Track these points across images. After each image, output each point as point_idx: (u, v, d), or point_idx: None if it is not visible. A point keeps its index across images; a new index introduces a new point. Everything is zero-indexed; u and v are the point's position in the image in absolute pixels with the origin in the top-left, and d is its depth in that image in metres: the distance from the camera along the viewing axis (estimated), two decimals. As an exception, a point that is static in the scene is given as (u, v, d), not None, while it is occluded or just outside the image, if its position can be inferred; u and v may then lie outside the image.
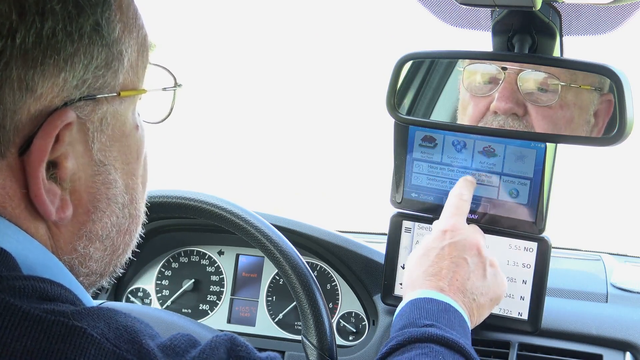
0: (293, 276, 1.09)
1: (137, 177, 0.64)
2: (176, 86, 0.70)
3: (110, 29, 0.57)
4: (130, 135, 0.62)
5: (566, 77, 0.95)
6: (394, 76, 1.01)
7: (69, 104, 0.55)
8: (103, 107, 0.58)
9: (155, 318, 1.12)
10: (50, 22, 0.53)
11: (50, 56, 0.53)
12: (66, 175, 0.56)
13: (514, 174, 1.15)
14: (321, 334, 1.06)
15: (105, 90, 0.58)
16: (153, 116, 0.70)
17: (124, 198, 0.62)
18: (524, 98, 0.98)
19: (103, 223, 0.60)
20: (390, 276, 1.27)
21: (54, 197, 0.55)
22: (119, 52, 0.58)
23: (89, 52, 0.55)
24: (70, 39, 0.54)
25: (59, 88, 0.54)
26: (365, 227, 2.41)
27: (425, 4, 0.97)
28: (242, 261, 1.47)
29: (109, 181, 0.60)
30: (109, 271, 0.65)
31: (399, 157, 1.22)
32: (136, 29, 0.61)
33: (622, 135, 0.89)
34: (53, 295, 0.52)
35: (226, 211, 1.13)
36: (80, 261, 0.60)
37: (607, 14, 0.92)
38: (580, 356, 1.20)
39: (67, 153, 0.56)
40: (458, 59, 1.04)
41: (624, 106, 0.88)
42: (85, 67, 0.55)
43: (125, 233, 0.64)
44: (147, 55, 0.64)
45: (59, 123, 0.54)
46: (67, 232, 0.58)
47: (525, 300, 1.18)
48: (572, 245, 1.59)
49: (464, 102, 1.03)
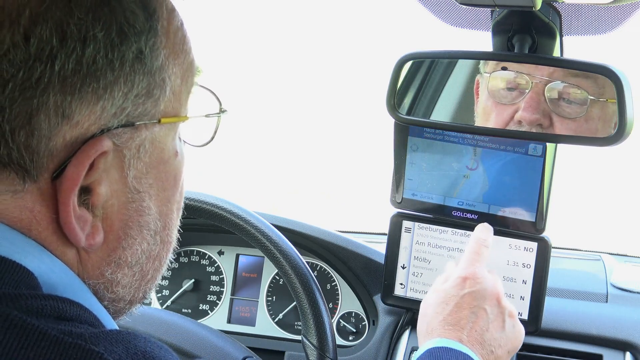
0: (293, 276, 1.09)
1: (173, 203, 0.63)
2: (221, 112, 0.67)
3: (154, 56, 0.55)
4: (169, 162, 0.60)
5: (594, 90, 0.94)
6: (394, 76, 1.01)
7: (106, 132, 0.53)
8: (142, 135, 0.56)
9: (155, 318, 1.12)
10: (91, 49, 0.51)
11: (89, 84, 0.51)
12: (99, 202, 0.55)
13: (514, 175, 1.15)
14: (321, 334, 1.06)
15: (145, 118, 0.56)
16: (196, 139, 0.67)
17: (156, 225, 0.61)
18: (550, 109, 0.97)
19: (134, 250, 0.59)
20: (390, 276, 1.27)
21: (85, 224, 0.54)
22: (161, 79, 0.56)
23: (129, 80, 0.53)
24: (110, 67, 0.52)
25: (96, 116, 0.52)
26: (365, 227, 2.41)
27: (425, 4, 0.97)
28: (242, 261, 1.47)
29: (142, 208, 0.58)
30: (138, 297, 0.63)
31: (399, 157, 1.22)
32: (182, 55, 0.59)
33: (622, 135, 0.89)
34: (71, 315, 0.51)
35: (226, 211, 1.13)
36: (106, 286, 0.58)
37: (607, 14, 0.92)
38: (580, 356, 1.20)
39: (100, 179, 0.54)
40: (458, 59, 1.03)
41: (624, 106, 0.88)
42: (125, 96, 0.54)
43: (155, 259, 0.63)
44: (191, 80, 0.61)
45: (93, 152, 0.52)
46: (96, 257, 0.57)
47: (525, 300, 1.18)
48: (572, 245, 1.59)
49: (487, 109, 1.02)
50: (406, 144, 1.21)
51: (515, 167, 1.15)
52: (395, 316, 1.31)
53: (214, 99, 0.68)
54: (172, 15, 0.58)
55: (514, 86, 0.99)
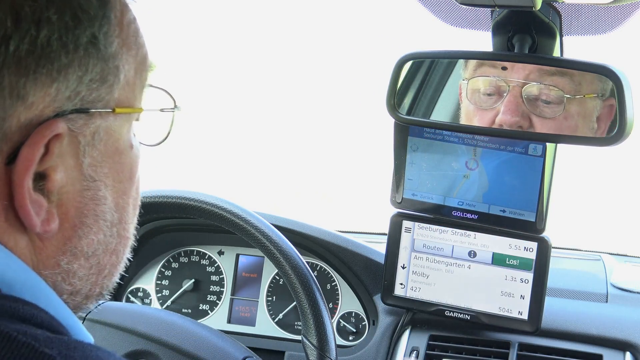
0: (293, 276, 1.09)
1: (129, 196, 0.63)
2: (175, 108, 0.68)
3: (108, 43, 0.56)
4: (124, 154, 0.61)
5: (570, 88, 0.95)
6: (394, 76, 1.01)
7: (61, 115, 0.54)
8: (96, 122, 0.57)
9: (155, 318, 1.12)
10: (45, 31, 0.52)
11: (43, 65, 0.52)
12: (54, 188, 0.55)
13: (514, 174, 1.15)
14: (321, 334, 1.06)
15: (99, 104, 0.56)
16: (150, 139, 0.68)
17: (112, 216, 0.61)
18: (529, 110, 0.98)
19: (89, 239, 0.59)
20: (390, 276, 1.27)
21: (40, 208, 0.54)
22: (115, 66, 0.57)
23: (83, 64, 0.54)
24: (65, 50, 0.53)
25: (50, 98, 0.53)
26: (365, 227, 2.41)
27: (425, 4, 0.97)
28: (242, 261, 1.47)
29: (98, 197, 0.58)
30: (95, 293, 0.62)
31: (399, 157, 1.22)
32: (135, 47, 0.60)
33: (622, 135, 0.89)
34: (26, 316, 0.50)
35: (226, 211, 1.13)
36: (64, 277, 0.58)
37: (607, 14, 0.92)
38: (580, 356, 1.20)
39: (56, 165, 0.54)
40: (458, 59, 1.04)
41: (624, 106, 0.88)
42: (80, 79, 0.54)
43: (112, 253, 0.62)
44: (145, 75, 0.62)
45: (48, 133, 0.53)
46: (51, 246, 0.56)
47: (525, 300, 1.18)
48: (572, 245, 1.59)
49: (469, 114, 1.03)
50: (406, 144, 1.21)
51: (515, 167, 1.16)
52: (395, 316, 1.31)
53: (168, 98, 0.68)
54: (125, 8, 0.59)
55: (492, 91, 1.00)
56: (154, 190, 1.18)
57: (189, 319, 1.16)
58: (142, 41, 0.61)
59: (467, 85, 1.02)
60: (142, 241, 1.46)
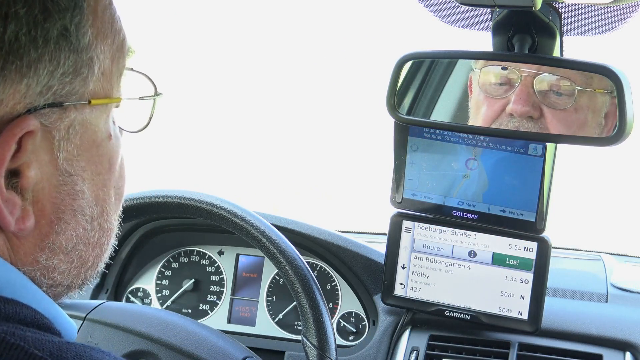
0: (293, 276, 1.09)
1: (109, 188, 0.61)
2: (156, 95, 0.66)
3: (80, 34, 0.54)
4: (102, 145, 0.59)
5: (582, 81, 0.95)
6: (394, 76, 1.01)
7: (32, 111, 0.52)
8: (71, 115, 0.55)
9: (155, 318, 1.12)
10: (13, 26, 0.50)
11: (12, 62, 0.50)
12: (28, 185, 0.53)
13: (514, 174, 1.15)
14: (321, 334, 1.06)
15: (73, 97, 0.55)
16: (132, 125, 0.66)
17: (92, 210, 0.59)
18: (539, 101, 0.98)
19: (68, 235, 0.57)
20: (390, 276, 1.27)
21: (14, 207, 0.53)
22: (89, 58, 0.55)
23: (54, 58, 0.52)
24: (34, 44, 0.51)
25: (21, 95, 0.51)
26: (366, 227, 2.41)
27: (425, 4, 0.97)
28: (242, 261, 1.47)
29: (75, 192, 0.57)
30: (77, 283, 0.61)
31: (399, 157, 1.22)
32: (112, 34, 0.58)
33: (622, 135, 0.89)
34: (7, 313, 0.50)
35: (226, 211, 1.13)
36: (43, 272, 0.57)
37: (607, 14, 0.92)
38: (580, 356, 1.20)
39: (29, 162, 0.53)
40: (458, 59, 1.04)
41: (624, 106, 0.88)
42: (51, 74, 0.53)
43: (95, 246, 0.61)
44: (123, 61, 0.60)
45: (19, 131, 0.51)
46: (28, 243, 0.55)
47: (525, 300, 1.18)
48: (572, 245, 1.59)
49: (478, 103, 1.03)
50: (406, 144, 1.21)
51: (515, 167, 1.16)
52: (395, 316, 1.31)
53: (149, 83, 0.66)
54: None
55: (504, 80, 0.99)
56: (154, 190, 1.18)
57: (189, 319, 1.16)
58: (119, 26, 0.59)
59: (478, 74, 1.02)
60: (142, 241, 1.46)
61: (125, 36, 0.60)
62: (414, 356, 1.23)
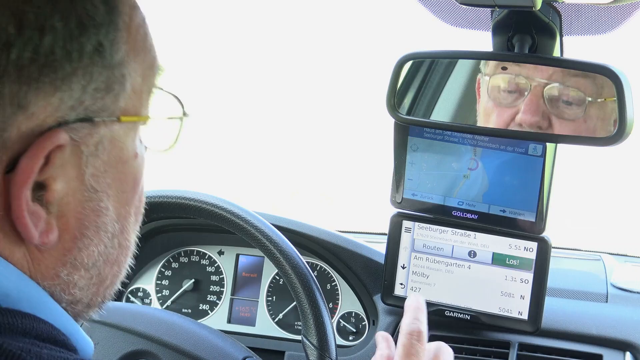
0: (293, 276, 1.09)
1: (131, 206, 0.61)
2: (183, 116, 0.65)
3: (114, 50, 0.54)
4: (128, 163, 0.59)
5: (592, 91, 0.94)
6: (394, 76, 1.01)
7: (63, 125, 0.52)
8: (100, 131, 0.55)
9: (155, 318, 1.12)
10: (49, 38, 0.50)
11: (46, 74, 0.50)
12: (54, 199, 0.53)
13: (514, 175, 1.15)
14: (321, 334, 1.06)
15: (104, 113, 0.54)
16: (158, 144, 0.65)
17: (114, 227, 0.59)
18: (549, 111, 0.97)
19: (90, 251, 0.57)
20: (390, 276, 1.27)
21: (38, 220, 0.52)
22: (121, 75, 0.55)
23: (88, 72, 0.52)
24: (68, 58, 0.51)
25: (53, 108, 0.51)
26: (365, 227, 2.41)
27: (425, 4, 0.97)
28: (242, 261, 1.47)
29: (99, 208, 0.56)
30: (96, 302, 0.61)
31: (398, 157, 1.22)
32: (144, 52, 0.58)
33: (622, 135, 0.89)
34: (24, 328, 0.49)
35: (226, 211, 1.13)
36: (63, 288, 0.56)
37: (607, 14, 0.92)
38: (580, 356, 1.20)
39: (56, 175, 0.52)
40: (458, 59, 1.04)
41: (624, 106, 0.88)
42: (83, 88, 0.52)
43: (113, 264, 0.61)
44: (153, 79, 0.60)
45: (49, 144, 0.51)
46: (50, 257, 0.55)
47: (525, 300, 1.18)
48: (572, 245, 1.59)
49: (488, 110, 1.03)
50: (406, 144, 1.21)
51: (515, 167, 1.16)
52: (395, 316, 1.31)
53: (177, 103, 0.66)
54: (134, 11, 0.57)
55: (513, 88, 0.99)
56: (154, 190, 1.18)
57: (189, 319, 1.16)
58: (151, 44, 0.59)
59: (488, 81, 1.01)
60: (142, 241, 1.45)
61: (156, 54, 0.60)
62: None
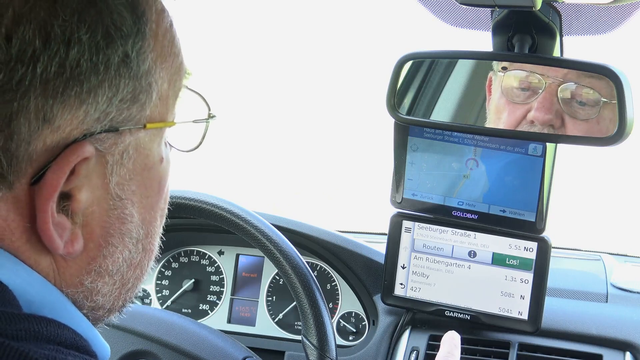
0: (293, 276, 1.09)
1: (156, 210, 0.61)
2: (209, 118, 0.65)
3: (141, 60, 0.53)
4: (154, 169, 0.58)
5: (607, 92, 0.94)
6: (394, 76, 1.01)
7: (88, 137, 0.51)
8: (126, 140, 0.54)
9: (155, 318, 1.12)
10: (75, 51, 0.49)
11: (72, 87, 0.49)
12: (79, 209, 0.53)
13: (514, 175, 1.15)
14: (321, 334, 1.06)
15: (130, 123, 0.54)
16: (184, 144, 0.65)
17: (139, 233, 0.59)
18: (562, 110, 0.97)
19: (115, 258, 0.57)
20: (391, 276, 1.27)
21: (63, 230, 0.52)
22: (148, 84, 0.54)
23: (114, 84, 0.52)
24: (95, 71, 0.50)
25: (79, 120, 0.50)
26: (366, 227, 2.41)
27: (425, 4, 0.97)
28: (242, 261, 1.47)
29: (124, 216, 0.56)
30: (117, 306, 0.61)
31: (398, 157, 1.22)
32: (171, 58, 0.57)
33: (622, 135, 0.89)
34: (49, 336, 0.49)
35: (226, 211, 1.13)
36: (86, 295, 0.56)
37: (607, 14, 0.92)
38: (580, 356, 1.20)
39: (81, 186, 0.52)
40: (458, 59, 1.03)
41: (624, 106, 0.88)
42: (110, 100, 0.52)
43: (136, 267, 0.60)
44: (179, 83, 0.59)
45: (75, 158, 0.50)
46: (75, 265, 0.55)
47: (525, 300, 1.18)
48: (572, 245, 1.59)
49: (499, 107, 1.02)
50: (406, 144, 1.21)
51: (516, 167, 1.16)
52: (395, 316, 1.31)
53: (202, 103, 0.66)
54: (161, 16, 0.56)
55: (527, 86, 0.99)
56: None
57: (189, 319, 1.16)
58: (178, 48, 0.58)
59: (501, 77, 1.01)
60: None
61: (183, 58, 0.60)
62: (414, 356, 1.23)
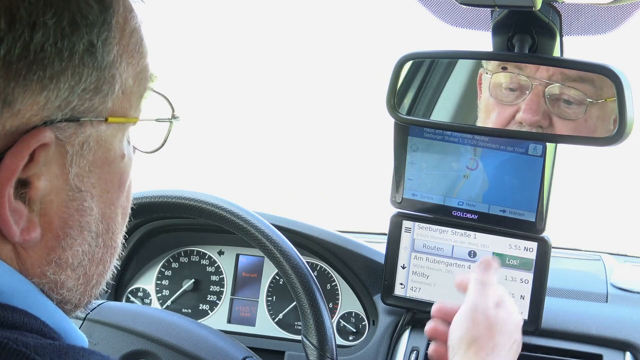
0: (293, 276, 1.09)
1: (117, 206, 0.61)
2: (172, 118, 0.65)
3: (106, 51, 0.53)
4: (114, 164, 0.58)
5: (592, 92, 0.94)
6: (394, 76, 1.01)
7: (49, 124, 0.51)
8: (86, 131, 0.54)
9: (155, 318, 1.12)
10: (40, 35, 0.49)
11: (34, 72, 0.50)
12: (36, 196, 0.53)
13: (514, 174, 1.15)
14: (321, 334, 1.06)
15: (91, 114, 0.54)
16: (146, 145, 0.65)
17: (98, 227, 0.59)
18: (550, 110, 0.98)
19: (74, 251, 0.57)
20: (390, 276, 1.27)
21: (20, 217, 0.52)
22: (111, 76, 0.54)
23: (77, 72, 0.52)
24: (59, 57, 0.50)
25: (39, 106, 0.50)
26: (365, 227, 2.41)
27: (425, 4, 0.97)
28: (242, 261, 1.47)
29: (83, 208, 0.56)
30: (83, 302, 0.61)
31: (399, 157, 1.22)
32: (137, 56, 0.57)
33: (622, 135, 0.89)
34: (15, 323, 0.49)
35: (226, 211, 1.13)
36: (51, 287, 0.56)
37: (607, 14, 0.92)
38: (580, 356, 1.20)
39: (40, 173, 0.52)
40: (458, 59, 1.04)
41: (624, 106, 0.88)
42: (72, 88, 0.52)
43: (99, 263, 0.60)
44: (145, 84, 0.60)
45: (34, 142, 0.51)
46: (35, 255, 0.55)
47: (525, 300, 1.18)
48: (572, 245, 1.59)
49: (488, 107, 1.03)
50: (406, 144, 1.21)
51: (515, 167, 1.16)
52: (395, 316, 1.31)
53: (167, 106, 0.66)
54: (129, 14, 0.57)
55: (515, 87, 0.99)
56: (153, 190, 1.18)
57: (189, 319, 1.16)
58: (145, 51, 0.59)
59: (490, 79, 1.01)
60: (142, 241, 1.46)
61: (150, 62, 0.60)
62: (414, 356, 1.23)
